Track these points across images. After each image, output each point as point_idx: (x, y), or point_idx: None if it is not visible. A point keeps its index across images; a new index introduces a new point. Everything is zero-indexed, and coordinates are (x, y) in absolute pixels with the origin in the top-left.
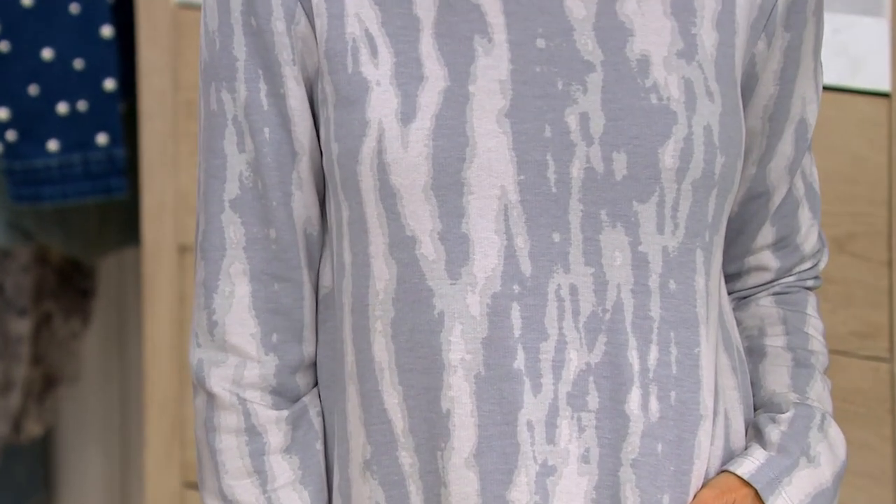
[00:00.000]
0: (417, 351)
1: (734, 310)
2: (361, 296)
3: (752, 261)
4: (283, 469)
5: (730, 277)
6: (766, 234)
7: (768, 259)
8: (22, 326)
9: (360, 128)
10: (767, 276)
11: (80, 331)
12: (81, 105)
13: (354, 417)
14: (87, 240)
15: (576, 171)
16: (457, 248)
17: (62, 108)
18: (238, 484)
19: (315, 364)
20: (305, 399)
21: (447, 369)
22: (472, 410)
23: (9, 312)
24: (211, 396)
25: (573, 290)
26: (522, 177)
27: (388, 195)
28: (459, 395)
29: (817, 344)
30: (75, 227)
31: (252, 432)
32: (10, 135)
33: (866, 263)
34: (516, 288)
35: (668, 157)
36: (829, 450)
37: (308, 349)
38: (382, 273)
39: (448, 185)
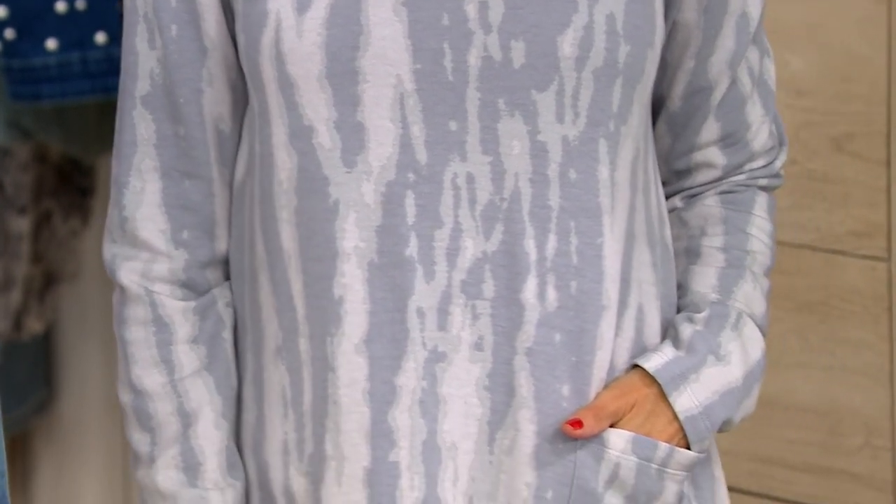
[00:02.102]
0: (314, 239)
1: (683, 209)
2: (267, 185)
3: (698, 157)
4: (189, 359)
5: (679, 174)
6: (711, 129)
7: (715, 155)
8: (22, 224)
9: (260, 18)
10: (715, 174)
11: (79, 229)
12: (80, 3)
13: (268, 305)
14: (86, 138)
15: (473, 59)
16: (352, 137)
17: (61, 6)
18: (146, 374)
19: (227, 259)
20: (215, 291)
21: (341, 256)
22: (364, 297)
23: (8, 210)
24: (121, 290)
25: (470, 179)
26: (418, 65)
27: (286, 85)
28: (352, 283)
29: (757, 244)
30: (74, 126)
31: (159, 323)
32: (9, 33)
33: (864, 163)
34: (411, 176)
35: (567, 45)
36: (741, 349)
37: (220, 245)
38: (285, 163)
39: (342, 74)
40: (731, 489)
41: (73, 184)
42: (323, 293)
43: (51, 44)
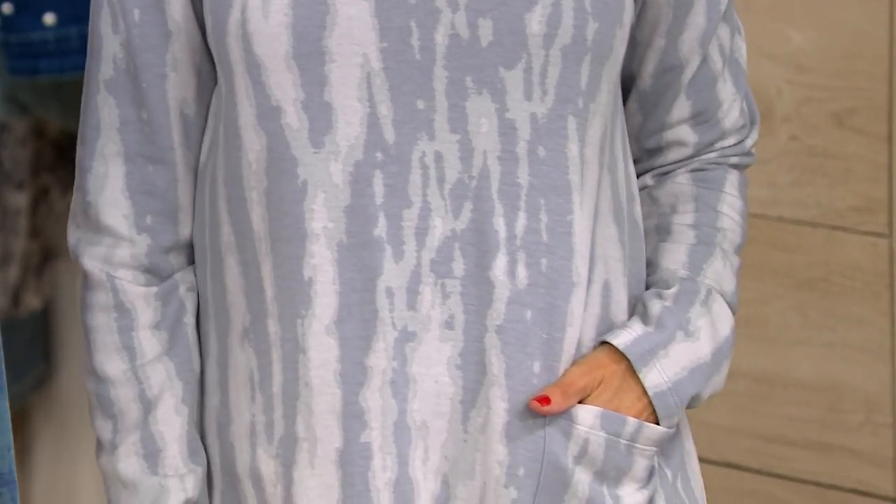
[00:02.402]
0: (284, 220)
1: (654, 186)
2: (235, 167)
3: (669, 135)
4: (151, 344)
5: (650, 152)
6: (682, 107)
7: (686, 134)
8: (19, 200)
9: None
10: (686, 152)
11: None
12: None
13: (235, 287)
14: None
15: (440, 37)
16: (319, 117)
17: None
18: (107, 360)
19: (191, 244)
20: (177, 276)
21: (310, 237)
22: (334, 278)
23: (6, 186)
24: (85, 275)
25: (438, 158)
26: (385, 44)
27: (253, 66)
28: (321, 263)
29: (728, 222)
30: (72, 101)
31: (121, 309)
32: (6, 7)
33: (866, 139)
34: (379, 156)
35: (535, 22)
36: (710, 325)
37: (183, 230)
38: (253, 144)
39: (309, 54)
40: (730, 466)
41: (71, 159)
42: (292, 274)
43: (49, 18)
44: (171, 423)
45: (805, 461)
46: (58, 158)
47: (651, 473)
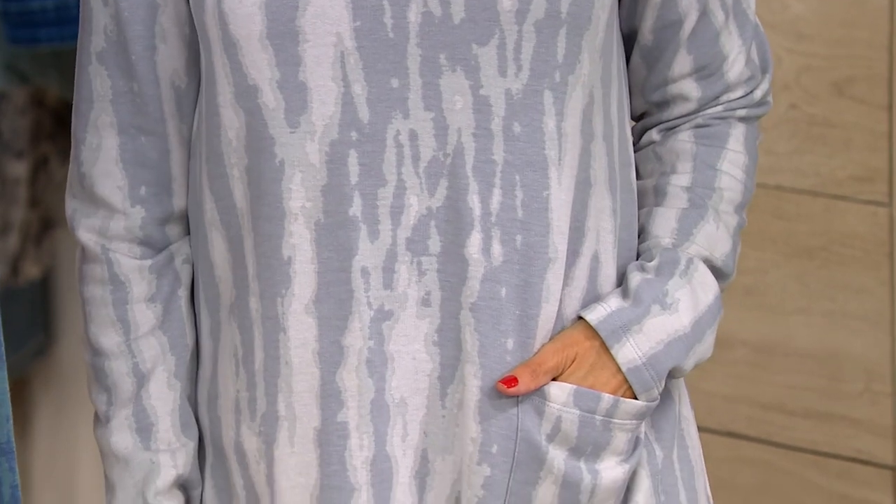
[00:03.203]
0: (264, 198)
1: (659, 143)
2: (215, 143)
3: (673, 89)
4: (146, 318)
5: (655, 107)
6: (683, 62)
7: (689, 88)
8: (19, 169)
9: None
10: (690, 106)
11: None
12: None
13: (223, 262)
14: None
15: (413, 15)
16: (295, 97)
17: None
18: (102, 332)
19: (186, 215)
20: (172, 247)
21: (288, 217)
22: (312, 258)
23: (6, 155)
24: (81, 247)
25: (413, 136)
26: (358, 23)
27: (230, 45)
28: (300, 243)
29: (727, 181)
30: (72, 70)
31: (115, 282)
32: None
33: (865, 107)
34: (354, 135)
35: None
36: (690, 295)
37: (178, 202)
38: (232, 122)
39: (283, 34)
40: (729, 434)
41: (71, 128)
42: (272, 253)
43: None
44: (164, 397)
45: (804, 430)
46: (57, 127)
47: (635, 445)
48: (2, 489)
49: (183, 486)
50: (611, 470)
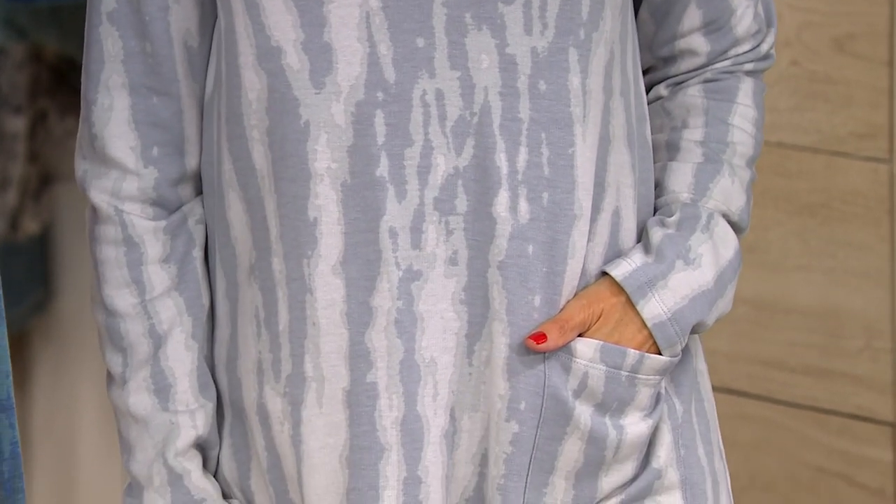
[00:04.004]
0: (287, 160)
1: (667, 98)
2: (234, 105)
3: (682, 44)
4: (160, 279)
5: (663, 62)
6: (693, 16)
7: (698, 42)
8: (17, 124)
9: None
10: (699, 61)
11: (75, 129)
12: None
13: (240, 224)
14: (81, 37)
15: None
16: (320, 58)
17: None
18: (117, 294)
19: (199, 175)
20: (185, 208)
21: (314, 178)
22: (339, 218)
23: (4, 110)
24: (93, 208)
25: (439, 95)
26: None
27: (252, 6)
28: (326, 204)
29: (739, 135)
30: (70, 25)
31: (129, 243)
32: None
33: (866, 64)
34: (380, 95)
35: None
36: (712, 251)
37: (190, 161)
38: (254, 83)
39: None
40: (730, 392)
41: (69, 83)
42: (297, 214)
43: None
44: (181, 358)
45: (805, 387)
46: (56, 83)
47: (657, 401)
48: (2, 445)
49: (201, 446)
50: (635, 425)
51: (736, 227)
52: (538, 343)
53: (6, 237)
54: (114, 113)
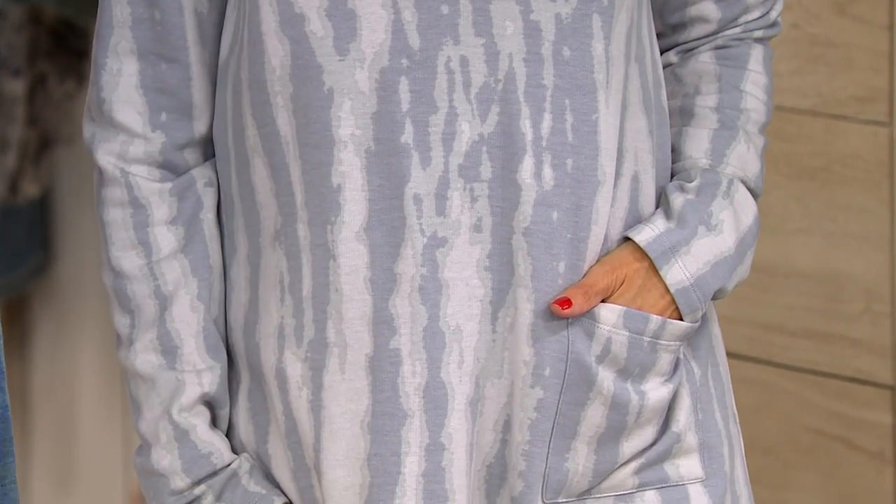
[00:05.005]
0: (311, 126)
1: (678, 64)
2: (258, 72)
3: (692, 11)
4: (167, 240)
5: (674, 28)
6: None
7: (710, 9)
8: (16, 87)
9: None
10: (709, 28)
11: (74, 92)
12: None
13: (265, 189)
14: (80, 0)
15: None
16: (344, 25)
17: None
18: (124, 255)
19: (207, 139)
20: (194, 171)
21: (337, 144)
22: (363, 185)
23: (2, 73)
24: (99, 170)
25: (464, 62)
26: None
27: None
28: (350, 170)
29: (752, 101)
30: None
31: (136, 204)
32: None
33: (867, 27)
34: (405, 62)
35: None
36: (732, 217)
37: (199, 126)
38: (277, 50)
39: None
40: (730, 355)
41: (68, 46)
42: (321, 181)
43: None
44: (187, 320)
45: (804, 350)
46: (55, 45)
47: (676, 366)
48: None
49: (209, 403)
50: (656, 390)
51: (752, 194)
52: (563, 308)
53: (6, 200)
54: (122, 78)
